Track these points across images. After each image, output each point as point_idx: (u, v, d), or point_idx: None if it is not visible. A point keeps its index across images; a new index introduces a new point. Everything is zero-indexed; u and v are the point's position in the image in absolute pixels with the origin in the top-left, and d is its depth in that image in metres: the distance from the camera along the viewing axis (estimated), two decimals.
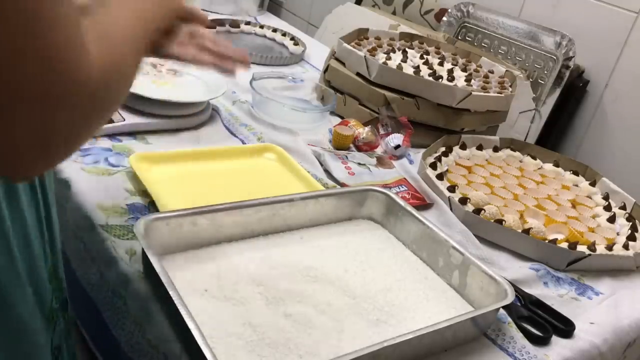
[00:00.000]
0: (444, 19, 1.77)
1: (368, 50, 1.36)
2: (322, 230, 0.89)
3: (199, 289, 0.71)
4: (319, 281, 0.77)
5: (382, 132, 1.22)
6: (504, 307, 0.80)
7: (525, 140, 1.54)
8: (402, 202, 0.91)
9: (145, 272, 0.75)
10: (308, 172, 1.03)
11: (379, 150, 1.20)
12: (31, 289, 0.58)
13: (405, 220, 0.89)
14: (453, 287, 0.82)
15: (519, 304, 0.85)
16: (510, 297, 0.74)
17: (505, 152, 1.28)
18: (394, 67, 1.26)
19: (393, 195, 0.92)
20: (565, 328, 0.82)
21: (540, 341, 0.80)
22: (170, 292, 0.63)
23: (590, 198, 1.17)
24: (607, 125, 1.58)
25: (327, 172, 1.07)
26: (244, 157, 1.05)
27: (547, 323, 0.82)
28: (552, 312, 0.85)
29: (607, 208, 1.14)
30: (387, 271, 0.82)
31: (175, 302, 0.62)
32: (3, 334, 0.56)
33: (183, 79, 1.21)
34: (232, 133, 1.14)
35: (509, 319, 0.81)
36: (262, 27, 1.71)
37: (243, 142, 1.12)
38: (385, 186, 1.04)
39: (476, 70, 1.43)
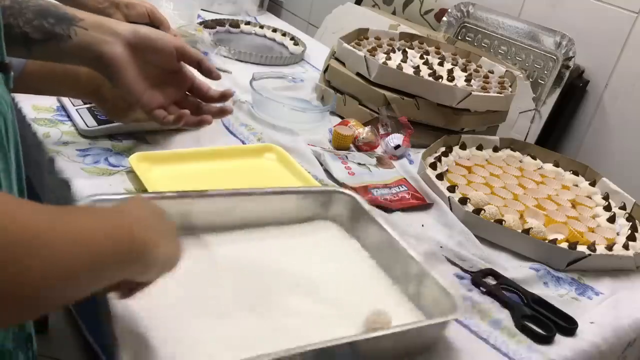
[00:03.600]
0: (444, 19, 1.77)
1: (368, 50, 1.36)
2: (282, 229, 0.86)
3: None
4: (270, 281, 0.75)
5: (382, 132, 1.22)
6: (507, 307, 0.80)
7: (525, 140, 1.55)
8: (367, 207, 0.88)
9: None
10: (308, 172, 1.03)
11: (379, 150, 1.20)
12: None
13: (368, 225, 0.86)
14: (409, 296, 0.79)
15: (521, 302, 0.85)
16: (459, 314, 0.72)
17: (505, 152, 1.28)
18: (394, 67, 1.26)
19: (359, 199, 0.89)
20: (568, 326, 0.82)
21: (545, 340, 0.80)
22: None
23: (590, 198, 1.17)
24: (607, 125, 1.58)
25: (327, 172, 1.07)
26: (244, 157, 1.05)
27: (549, 321, 0.82)
28: (553, 310, 0.85)
29: (607, 208, 1.14)
30: (340, 278, 0.80)
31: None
32: None
33: None
34: (232, 133, 1.14)
35: (504, 323, 0.81)
36: (262, 27, 1.71)
37: (243, 142, 1.12)
38: (385, 186, 1.05)
39: (476, 70, 1.43)
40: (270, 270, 0.78)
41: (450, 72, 1.37)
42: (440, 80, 1.28)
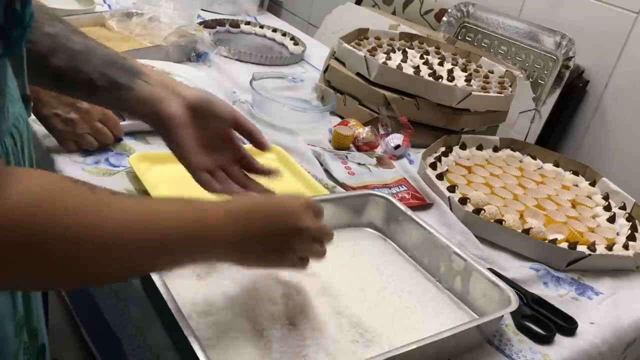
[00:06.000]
0: (444, 19, 1.77)
1: (368, 50, 1.36)
2: None
3: (198, 302, 0.70)
4: (319, 294, 0.76)
5: (382, 132, 1.22)
6: None
7: (525, 140, 1.54)
8: (402, 207, 0.90)
9: (142, 282, 0.74)
10: (308, 172, 1.03)
11: (379, 150, 1.20)
12: None
13: (406, 225, 0.88)
14: (455, 293, 0.82)
15: (521, 302, 0.85)
16: (514, 304, 0.74)
17: (505, 152, 1.28)
18: (394, 67, 1.26)
19: (393, 200, 0.91)
20: (568, 326, 0.82)
21: (544, 340, 0.80)
22: (172, 309, 0.63)
23: (590, 198, 1.17)
24: (607, 125, 1.58)
25: (327, 172, 1.07)
26: None
27: (549, 321, 0.82)
28: (554, 310, 0.85)
29: (607, 208, 1.14)
30: (386, 285, 0.81)
31: (176, 316, 0.62)
32: None
33: None
34: None
35: (507, 322, 0.81)
36: (262, 27, 1.71)
37: (243, 142, 1.12)
38: (385, 186, 1.05)
39: (476, 70, 1.43)
40: (312, 278, 0.77)
41: (450, 72, 1.36)
42: (440, 80, 1.28)
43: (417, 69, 1.30)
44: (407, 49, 1.45)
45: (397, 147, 1.18)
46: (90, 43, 0.71)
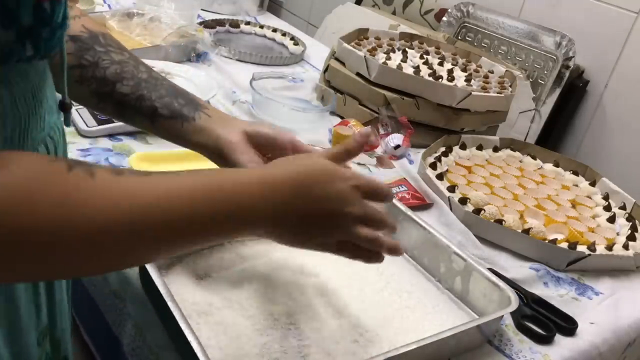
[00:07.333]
0: (444, 19, 1.77)
1: (368, 50, 1.36)
2: None
3: (198, 302, 0.70)
4: (322, 295, 0.76)
5: (382, 132, 1.22)
6: None
7: (525, 140, 1.55)
8: (403, 207, 0.90)
9: (142, 282, 0.74)
10: None
11: (379, 150, 1.20)
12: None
13: (406, 225, 0.88)
14: (455, 293, 0.82)
15: (521, 302, 0.85)
16: (514, 304, 0.74)
17: (505, 152, 1.28)
18: (394, 67, 1.26)
19: (394, 200, 0.91)
20: (568, 326, 0.82)
21: (544, 340, 0.80)
22: (172, 309, 0.63)
23: (590, 198, 1.17)
24: (607, 125, 1.58)
25: None
26: None
27: (549, 322, 0.82)
28: (554, 311, 0.85)
29: (607, 208, 1.13)
30: (386, 285, 0.81)
31: (176, 316, 0.62)
32: None
33: (174, 82, 1.20)
34: None
35: (507, 322, 0.81)
36: (262, 27, 1.71)
37: None
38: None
39: (476, 70, 1.43)
40: (312, 278, 0.77)
41: (450, 72, 1.36)
42: (440, 80, 1.28)
43: (417, 69, 1.30)
44: (407, 49, 1.45)
45: (397, 147, 1.18)
46: (155, 74, 0.72)
